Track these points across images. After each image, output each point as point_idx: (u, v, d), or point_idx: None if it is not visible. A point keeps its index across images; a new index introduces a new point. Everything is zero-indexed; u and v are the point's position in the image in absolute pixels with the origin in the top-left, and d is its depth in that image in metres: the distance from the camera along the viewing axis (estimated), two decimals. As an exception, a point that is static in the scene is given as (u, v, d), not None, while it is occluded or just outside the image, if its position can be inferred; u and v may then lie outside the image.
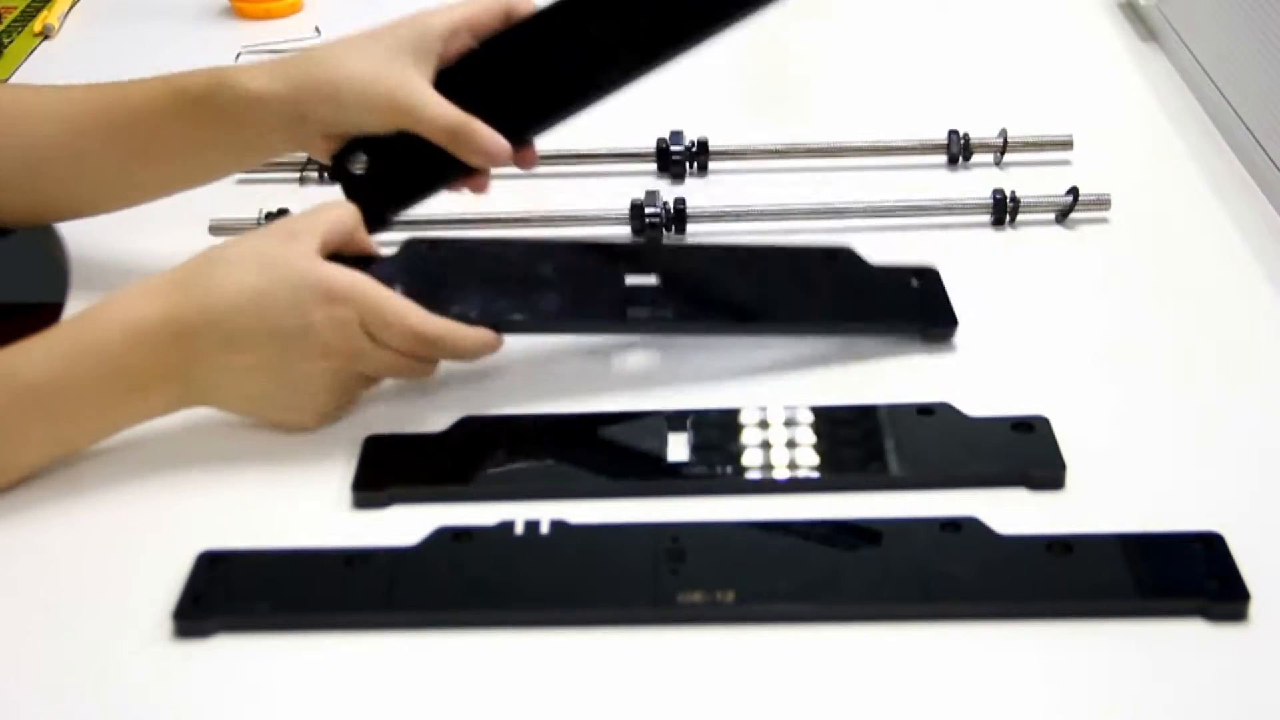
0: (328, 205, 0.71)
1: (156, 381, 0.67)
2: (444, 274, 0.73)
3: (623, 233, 0.87)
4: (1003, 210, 0.86)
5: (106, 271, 0.84)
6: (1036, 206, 0.87)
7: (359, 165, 0.77)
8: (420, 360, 0.71)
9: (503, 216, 0.88)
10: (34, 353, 0.66)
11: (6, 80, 1.12)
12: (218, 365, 0.67)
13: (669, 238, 0.87)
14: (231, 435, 0.71)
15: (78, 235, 0.87)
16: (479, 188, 0.79)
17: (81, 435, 0.69)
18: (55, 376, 0.66)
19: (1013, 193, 0.86)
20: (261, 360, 0.67)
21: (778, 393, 0.72)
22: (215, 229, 0.86)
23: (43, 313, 0.76)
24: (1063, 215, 0.87)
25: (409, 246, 0.74)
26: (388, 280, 0.69)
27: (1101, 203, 0.86)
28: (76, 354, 0.66)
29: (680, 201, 0.86)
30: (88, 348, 0.66)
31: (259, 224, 0.86)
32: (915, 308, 0.77)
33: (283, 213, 0.87)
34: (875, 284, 0.77)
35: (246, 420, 0.71)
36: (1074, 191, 0.86)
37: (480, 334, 0.71)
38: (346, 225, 0.70)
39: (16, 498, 0.67)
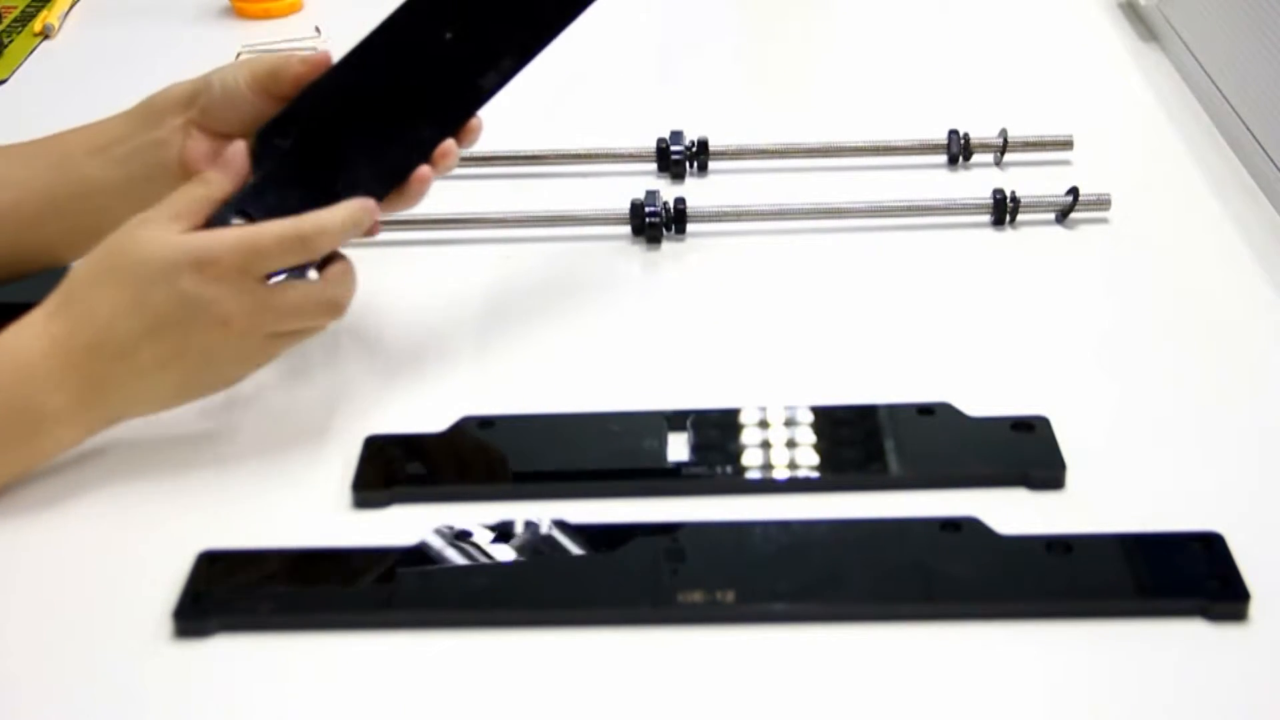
0: (186, 185, 0.69)
1: (64, 414, 0.65)
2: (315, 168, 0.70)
3: (623, 232, 0.87)
4: (1003, 210, 0.86)
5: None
6: (1036, 206, 0.87)
7: (285, 142, 0.71)
8: (326, 299, 0.68)
9: (503, 216, 0.88)
10: None
11: (6, 80, 1.12)
12: (122, 377, 0.66)
13: (669, 237, 0.87)
14: (231, 435, 0.71)
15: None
16: (446, 157, 0.72)
17: None
18: None
19: (1012, 193, 0.86)
20: (164, 354, 0.65)
21: (778, 393, 0.72)
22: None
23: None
24: (1063, 215, 0.87)
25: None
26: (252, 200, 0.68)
27: (1101, 203, 0.86)
28: None
29: (680, 201, 0.86)
30: None
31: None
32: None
33: None
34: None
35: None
36: (1074, 191, 0.86)
37: (352, 205, 0.68)
38: (197, 193, 0.67)
39: (16, 498, 0.67)
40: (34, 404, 0.65)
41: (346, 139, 0.71)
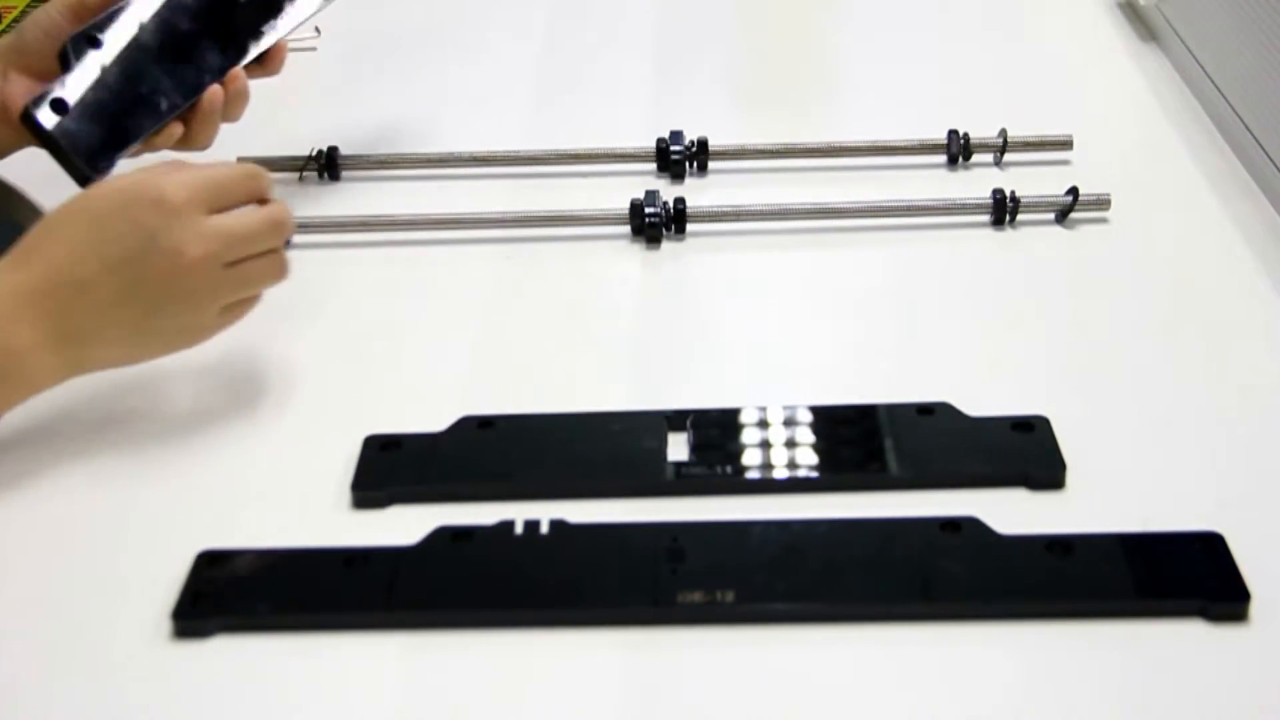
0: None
1: (34, 352, 0.66)
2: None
3: (623, 232, 0.87)
4: (1003, 210, 0.86)
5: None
6: (1036, 207, 0.87)
7: (97, 44, 0.80)
8: (273, 217, 0.70)
9: (503, 216, 0.88)
10: None
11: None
12: (86, 312, 0.67)
13: (668, 238, 0.87)
14: (231, 435, 0.71)
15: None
16: (234, 80, 0.83)
17: None
18: None
19: (1012, 192, 0.86)
20: (123, 286, 0.66)
21: (778, 393, 0.72)
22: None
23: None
24: (1062, 215, 0.87)
25: None
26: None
27: (1101, 203, 0.86)
28: None
29: (680, 201, 0.86)
30: None
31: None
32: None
33: None
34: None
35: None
36: (1074, 191, 0.86)
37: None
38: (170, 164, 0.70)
39: (17, 498, 0.67)
40: (4, 344, 0.65)
41: (147, 50, 0.81)
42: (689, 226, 0.87)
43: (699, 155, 0.94)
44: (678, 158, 0.93)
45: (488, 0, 1.21)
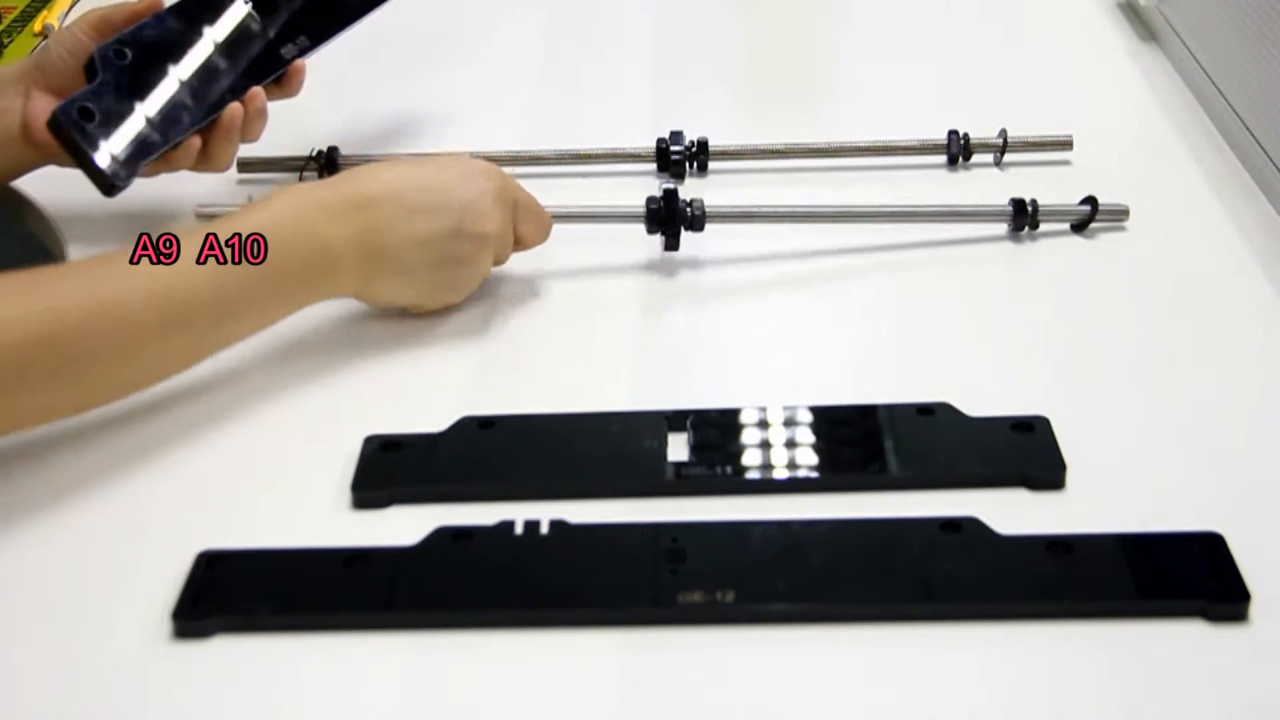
0: None
1: (344, 250, 0.72)
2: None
3: (623, 232, 0.87)
4: (1023, 218, 0.84)
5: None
6: (1055, 216, 0.85)
7: (124, 58, 0.82)
8: (545, 219, 0.81)
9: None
10: (245, 213, 0.70)
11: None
12: (396, 237, 0.73)
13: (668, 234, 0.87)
14: (231, 435, 0.71)
15: (75, 231, 0.88)
16: (254, 99, 0.85)
17: (279, 299, 0.72)
18: (261, 229, 0.69)
19: (1033, 201, 0.85)
20: (437, 230, 0.74)
21: (778, 393, 0.72)
22: (201, 214, 0.88)
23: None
24: (1080, 226, 0.86)
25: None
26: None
27: (1119, 213, 0.85)
28: (278, 216, 0.71)
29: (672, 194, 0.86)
30: (286, 212, 0.71)
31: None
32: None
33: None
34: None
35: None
36: (1091, 201, 0.85)
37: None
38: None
39: (17, 498, 0.67)
40: (325, 238, 0.71)
41: (171, 65, 0.83)
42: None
43: (699, 155, 0.94)
44: (678, 158, 0.93)
45: (488, 0, 1.21)
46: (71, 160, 0.80)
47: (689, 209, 0.82)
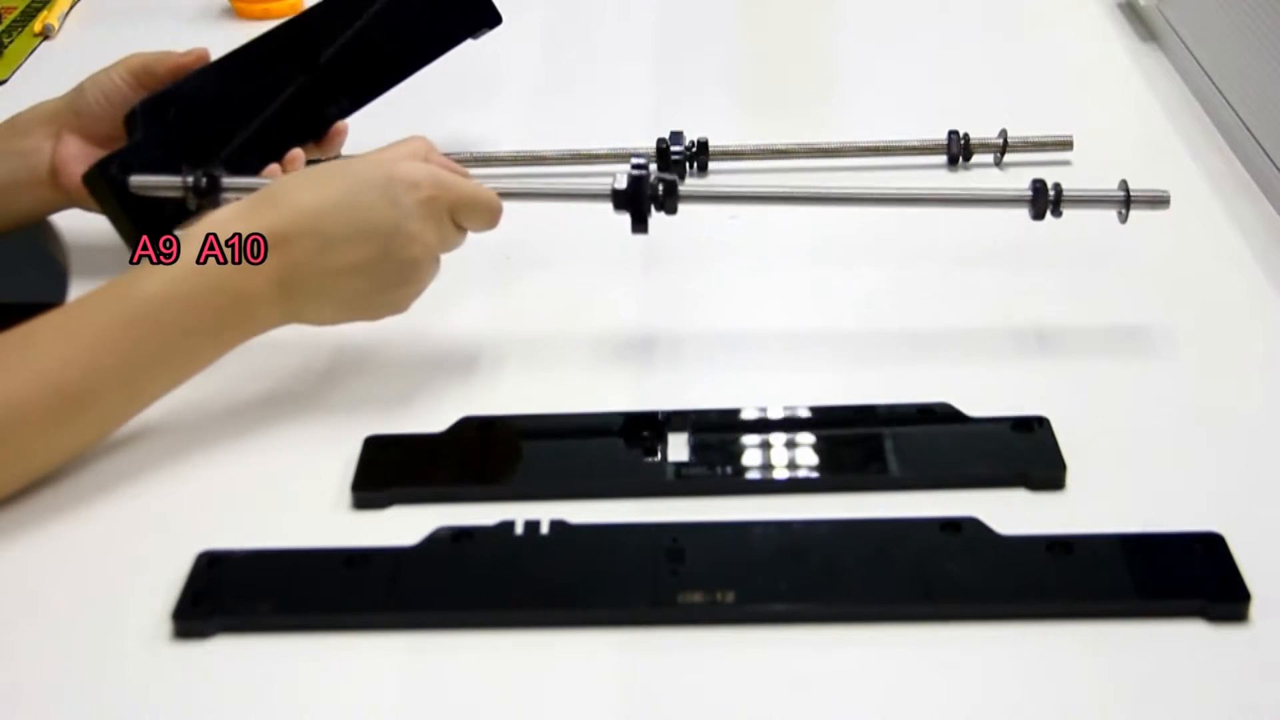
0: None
1: (261, 293, 0.68)
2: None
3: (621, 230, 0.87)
4: (1044, 202, 0.77)
5: (107, 271, 0.84)
6: (1089, 202, 0.77)
7: (168, 112, 0.81)
8: (491, 203, 0.73)
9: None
10: (150, 274, 0.67)
11: (6, 81, 1.12)
12: (317, 271, 0.68)
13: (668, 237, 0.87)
14: (231, 435, 0.71)
15: (77, 235, 0.88)
16: (294, 161, 0.83)
17: (195, 356, 0.69)
18: (167, 293, 0.66)
19: (1056, 184, 0.80)
20: (360, 259, 0.69)
21: (778, 393, 0.72)
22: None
23: (42, 313, 0.76)
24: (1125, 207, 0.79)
25: None
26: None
27: (1159, 200, 0.77)
28: (184, 272, 0.67)
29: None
30: (191, 266, 0.67)
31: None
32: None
33: None
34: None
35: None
36: (1124, 185, 0.79)
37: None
38: (420, 147, 0.73)
39: (17, 499, 0.67)
40: (243, 278, 0.67)
41: (214, 125, 0.82)
42: (688, 226, 0.86)
43: (699, 155, 0.94)
44: (678, 158, 0.93)
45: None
46: (100, 211, 0.79)
47: (659, 186, 0.76)
